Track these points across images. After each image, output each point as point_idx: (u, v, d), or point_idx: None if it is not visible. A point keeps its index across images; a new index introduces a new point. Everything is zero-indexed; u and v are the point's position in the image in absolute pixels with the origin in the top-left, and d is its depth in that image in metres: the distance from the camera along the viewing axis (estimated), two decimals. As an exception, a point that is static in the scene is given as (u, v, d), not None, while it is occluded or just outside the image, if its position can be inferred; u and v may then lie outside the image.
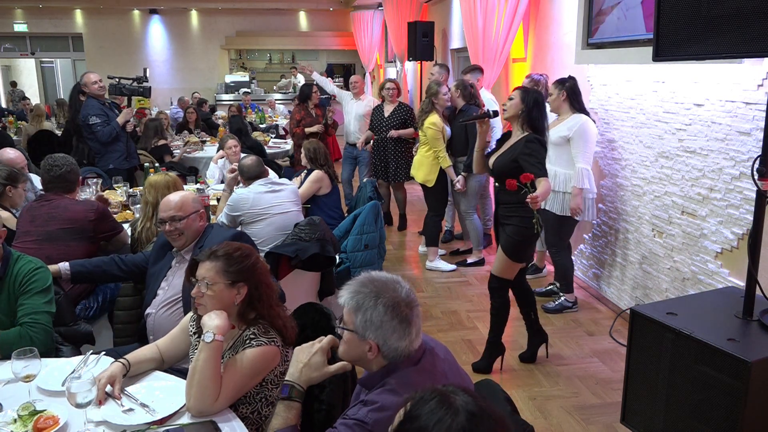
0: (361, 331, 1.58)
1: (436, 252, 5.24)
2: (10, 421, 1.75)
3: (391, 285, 1.63)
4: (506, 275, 3.36)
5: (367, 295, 1.59)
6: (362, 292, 1.60)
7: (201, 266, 1.96)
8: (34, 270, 2.31)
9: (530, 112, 3.22)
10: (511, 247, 3.28)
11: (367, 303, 1.58)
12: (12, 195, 3.42)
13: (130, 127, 5.50)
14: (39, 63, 16.13)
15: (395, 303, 1.58)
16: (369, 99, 6.66)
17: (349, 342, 1.63)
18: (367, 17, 11.87)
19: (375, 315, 1.57)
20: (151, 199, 3.27)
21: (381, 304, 1.57)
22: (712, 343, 2.23)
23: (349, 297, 1.62)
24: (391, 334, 1.57)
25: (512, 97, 3.27)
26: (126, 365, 1.99)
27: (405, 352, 1.59)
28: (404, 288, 1.64)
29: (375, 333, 1.57)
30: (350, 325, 1.61)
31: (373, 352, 1.59)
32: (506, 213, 3.29)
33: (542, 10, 5.37)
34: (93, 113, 5.21)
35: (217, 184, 5.48)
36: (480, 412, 1.08)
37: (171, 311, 2.56)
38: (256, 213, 3.73)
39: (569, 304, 4.31)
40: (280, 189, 3.88)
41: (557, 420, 3.02)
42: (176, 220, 2.58)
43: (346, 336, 1.63)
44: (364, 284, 1.62)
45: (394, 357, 1.59)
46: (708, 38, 2.27)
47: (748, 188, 3.05)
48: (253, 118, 10.42)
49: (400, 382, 1.57)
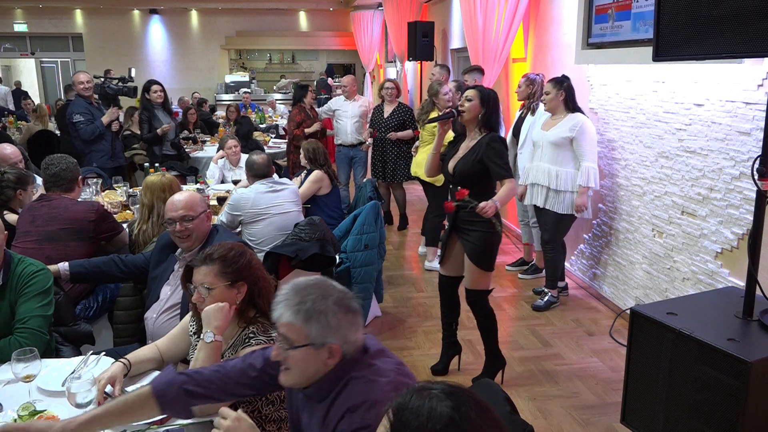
0: (319, 339, 1.47)
1: (435, 252, 5.23)
2: (10, 421, 1.75)
3: (326, 283, 1.54)
4: (482, 286, 3.19)
5: (315, 301, 1.48)
6: (307, 301, 1.48)
7: (197, 271, 1.95)
8: (34, 273, 2.30)
9: (490, 115, 3.08)
10: (480, 255, 3.11)
11: (319, 307, 1.47)
12: (22, 198, 3.44)
13: (115, 127, 5.50)
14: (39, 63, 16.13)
15: (342, 297, 1.51)
16: (363, 99, 6.60)
17: (302, 359, 1.49)
18: (367, 17, 11.87)
19: (331, 317, 1.47)
20: (147, 201, 3.22)
21: (333, 303, 1.49)
22: (712, 343, 2.23)
23: (292, 312, 1.48)
24: (348, 330, 1.50)
25: (470, 98, 3.08)
26: (127, 365, 1.99)
27: (359, 343, 1.53)
28: (332, 282, 1.56)
29: (335, 335, 1.48)
30: (301, 340, 1.48)
31: (334, 357, 1.50)
32: (468, 218, 3.08)
33: (542, 10, 5.37)
34: (78, 111, 5.28)
35: (217, 184, 5.48)
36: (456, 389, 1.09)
37: (170, 318, 2.54)
38: (256, 213, 3.74)
39: (554, 299, 4.36)
40: (281, 189, 3.89)
41: (557, 420, 3.02)
42: (187, 220, 2.51)
43: (298, 355, 1.49)
44: (301, 293, 1.50)
45: (351, 353, 1.52)
46: (708, 38, 2.27)
47: (748, 188, 3.05)
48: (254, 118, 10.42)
49: (368, 369, 1.51)
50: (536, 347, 3.79)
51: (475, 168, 3.05)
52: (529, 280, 4.90)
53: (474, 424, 1.03)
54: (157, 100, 5.95)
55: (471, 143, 3.13)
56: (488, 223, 3.05)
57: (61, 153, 3.53)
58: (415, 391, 1.08)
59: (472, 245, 3.12)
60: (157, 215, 3.17)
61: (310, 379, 1.54)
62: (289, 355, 1.50)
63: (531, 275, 4.95)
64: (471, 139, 3.15)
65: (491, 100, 3.10)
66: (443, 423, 1.01)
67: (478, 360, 3.60)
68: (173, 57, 14.55)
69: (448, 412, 1.02)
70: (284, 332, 1.50)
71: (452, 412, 1.02)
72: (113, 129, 5.48)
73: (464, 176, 3.09)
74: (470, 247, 3.13)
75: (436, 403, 1.04)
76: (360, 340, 1.53)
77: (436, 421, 1.01)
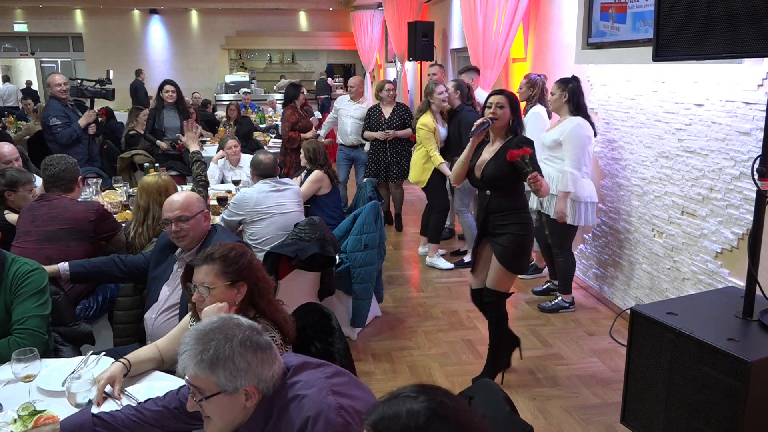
0: (230, 385, 1.40)
1: (436, 249, 5.25)
2: (10, 421, 1.76)
3: (228, 323, 1.46)
4: (503, 288, 3.17)
5: (217, 347, 1.40)
6: (209, 348, 1.40)
7: (198, 271, 1.95)
8: (29, 272, 2.28)
9: (519, 120, 3.11)
10: (510, 258, 3.08)
11: (223, 353, 1.40)
12: (13, 199, 3.43)
13: (92, 130, 5.41)
14: (39, 63, 16.13)
15: (247, 335, 1.44)
16: (369, 102, 6.58)
17: (218, 408, 1.43)
18: (367, 17, 11.87)
19: (239, 359, 1.40)
20: (143, 203, 3.21)
21: (238, 345, 1.41)
22: (712, 343, 2.23)
23: (195, 363, 1.40)
24: (261, 368, 1.43)
25: (502, 105, 3.05)
26: (127, 365, 1.99)
27: (278, 376, 1.47)
28: (234, 316, 1.51)
29: (246, 377, 1.41)
30: (212, 389, 1.41)
31: (252, 398, 1.44)
32: (499, 222, 3.09)
33: (542, 10, 5.37)
34: (54, 114, 5.17)
35: (217, 184, 5.48)
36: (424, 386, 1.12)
37: (169, 318, 2.54)
38: (259, 212, 3.75)
39: (566, 304, 4.30)
40: (284, 189, 3.89)
41: (557, 420, 3.02)
42: (183, 221, 2.52)
43: (212, 404, 1.42)
44: (203, 340, 1.43)
45: (270, 388, 1.46)
46: (708, 38, 2.27)
47: (748, 188, 3.05)
48: (254, 118, 10.42)
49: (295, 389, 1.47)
50: (536, 347, 3.78)
51: (506, 171, 3.01)
52: (529, 280, 4.90)
53: (451, 410, 1.07)
54: (169, 100, 5.94)
55: (497, 147, 3.10)
56: (519, 225, 3.06)
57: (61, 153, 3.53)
58: (386, 401, 1.10)
59: (502, 248, 3.08)
60: (153, 218, 3.16)
61: (235, 424, 1.47)
62: (203, 405, 1.43)
63: (531, 275, 4.94)
64: (497, 143, 3.13)
65: (517, 105, 3.11)
66: (425, 417, 1.05)
67: (477, 360, 3.60)
68: (173, 57, 14.56)
69: (425, 405, 1.06)
70: (193, 384, 1.43)
71: (429, 404, 1.06)
72: (90, 132, 5.37)
73: (494, 179, 3.06)
74: (500, 250, 3.09)
75: (411, 402, 1.07)
76: (278, 372, 1.47)
77: (418, 417, 1.05)
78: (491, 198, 3.11)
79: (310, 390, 1.46)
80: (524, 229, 3.08)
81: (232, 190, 4.86)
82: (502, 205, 3.08)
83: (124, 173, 5.95)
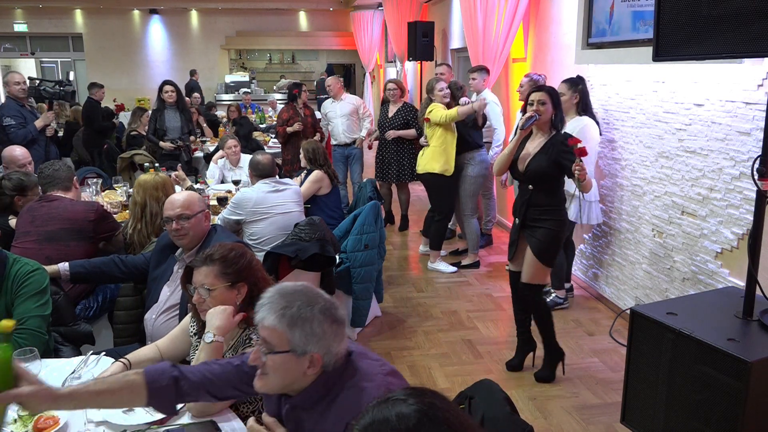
0: (300, 347, 1.43)
1: (438, 255, 5.23)
2: (10, 421, 1.75)
3: (312, 291, 1.51)
4: (538, 280, 3.27)
5: (301, 307, 1.45)
6: (292, 306, 1.45)
7: (197, 272, 1.95)
8: (30, 273, 2.29)
9: (558, 114, 3.19)
10: (545, 252, 3.18)
11: (306, 314, 1.44)
12: (22, 204, 3.45)
13: (50, 132, 5.31)
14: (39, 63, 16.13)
15: (329, 307, 1.48)
16: (350, 97, 6.56)
17: (281, 366, 1.45)
18: (367, 17, 11.88)
19: (316, 325, 1.44)
20: (140, 199, 3.23)
21: (319, 311, 1.45)
22: (712, 343, 2.23)
23: (277, 316, 1.44)
24: (332, 340, 1.46)
25: (544, 102, 3.14)
26: (127, 365, 1.99)
27: (341, 354, 1.50)
28: (319, 290, 1.54)
29: (318, 344, 1.44)
30: (283, 346, 1.44)
31: (314, 367, 1.46)
32: (537, 216, 3.19)
33: (542, 10, 5.37)
34: (8, 114, 5.04)
35: (217, 183, 5.48)
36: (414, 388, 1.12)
37: (169, 318, 2.54)
38: (258, 212, 3.75)
39: (560, 300, 4.32)
40: (283, 189, 3.90)
41: (557, 420, 3.02)
42: (183, 219, 2.52)
43: (277, 360, 1.45)
44: (287, 298, 1.47)
45: (332, 363, 1.48)
46: (708, 38, 2.27)
47: (748, 188, 3.05)
48: (253, 118, 10.43)
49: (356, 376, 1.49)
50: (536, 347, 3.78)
51: (549, 167, 3.11)
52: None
53: (442, 412, 1.07)
54: (169, 100, 5.93)
55: (541, 142, 3.19)
56: (555, 221, 3.17)
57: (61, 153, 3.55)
58: (376, 405, 1.10)
59: (538, 241, 3.18)
60: (150, 214, 3.18)
61: (286, 388, 1.50)
62: (267, 359, 1.46)
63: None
64: (539, 138, 3.21)
65: (558, 100, 3.20)
66: (415, 419, 1.04)
67: (477, 360, 3.60)
68: (173, 57, 14.55)
69: (415, 408, 1.06)
70: (265, 336, 1.46)
71: (419, 407, 1.06)
72: (48, 134, 5.25)
73: (537, 174, 3.16)
74: (536, 243, 3.19)
75: (400, 405, 1.07)
76: (342, 352, 1.50)
77: (408, 420, 1.04)
78: (532, 192, 3.21)
79: (369, 384, 1.47)
80: (559, 225, 3.19)
81: (232, 190, 4.87)
82: (542, 200, 3.18)
83: (124, 173, 5.94)
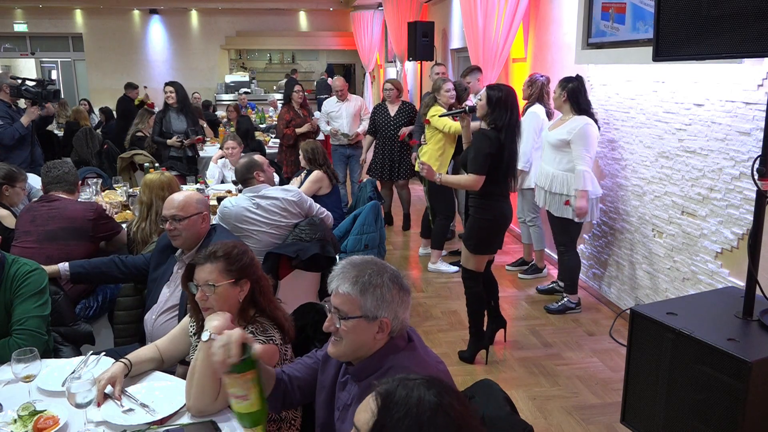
0: (372, 312, 1.53)
1: (439, 255, 5.22)
2: (10, 422, 1.75)
3: (380, 261, 1.62)
4: (470, 266, 3.48)
5: (372, 275, 1.55)
6: (365, 274, 1.55)
7: (200, 269, 1.95)
8: (29, 273, 2.28)
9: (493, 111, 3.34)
10: (468, 238, 3.44)
11: (376, 281, 1.55)
12: (9, 194, 3.49)
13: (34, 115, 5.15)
14: (39, 63, 16.12)
15: (396, 275, 1.59)
16: (355, 98, 6.58)
17: (353, 331, 1.54)
18: (367, 17, 11.87)
19: (386, 291, 1.54)
20: (146, 199, 3.25)
21: (388, 279, 1.56)
22: (712, 343, 2.23)
23: (350, 283, 1.55)
24: (399, 306, 1.56)
25: (481, 99, 3.41)
26: (127, 365, 1.98)
27: (406, 323, 1.60)
28: (385, 261, 1.65)
29: (387, 309, 1.54)
30: (355, 312, 1.54)
31: (383, 332, 1.55)
32: (470, 204, 3.47)
33: (542, 10, 5.37)
34: None
35: (217, 183, 5.48)
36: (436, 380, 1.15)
37: (169, 319, 2.54)
38: (241, 228, 3.45)
39: (572, 305, 4.28)
40: (267, 203, 3.48)
41: (557, 420, 3.02)
42: (176, 220, 2.54)
43: (350, 325, 1.54)
44: (358, 268, 1.57)
45: (397, 331, 1.58)
46: (708, 38, 2.27)
47: (748, 188, 3.05)
48: (253, 118, 10.43)
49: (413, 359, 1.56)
50: (536, 347, 3.79)
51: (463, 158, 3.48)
52: (529, 280, 4.90)
53: (457, 412, 1.09)
54: (168, 101, 5.92)
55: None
56: (481, 212, 3.39)
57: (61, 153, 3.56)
58: (400, 381, 1.13)
59: (466, 228, 3.51)
60: (156, 213, 3.19)
61: (357, 353, 1.58)
62: (341, 325, 1.55)
63: (531, 275, 4.94)
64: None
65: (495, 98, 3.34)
66: (432, 410, 1.07)
67: (477, 360, 3.60)
68: (173, 57, 14.54)
69: (434, 400, 1.08)
70: (338, 303, 1.56)
71: (438, 400, 1.08)
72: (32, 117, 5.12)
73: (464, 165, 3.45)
74: (467, 230, 3.50)
75: (423, 390, 1.09)
76: (406, 321, 1.59)
77: (425, 408, 1.07)
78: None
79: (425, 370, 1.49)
80: (485, 219, 3.39)
81: (232, 190, 4.87)
82: (473, 191, 3.43)
83: (124, 173, 5.94)
